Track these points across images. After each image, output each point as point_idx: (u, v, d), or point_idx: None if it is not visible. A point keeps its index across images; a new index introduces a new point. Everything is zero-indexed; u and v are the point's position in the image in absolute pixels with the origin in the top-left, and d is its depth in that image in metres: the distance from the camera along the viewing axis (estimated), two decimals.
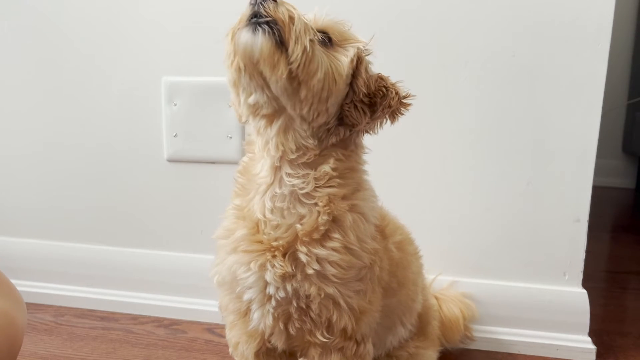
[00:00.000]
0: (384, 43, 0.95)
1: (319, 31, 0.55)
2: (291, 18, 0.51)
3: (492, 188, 0.96)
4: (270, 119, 0.57)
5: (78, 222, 1.16)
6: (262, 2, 0.51)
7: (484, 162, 0.96)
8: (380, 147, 0.96)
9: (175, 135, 1.06)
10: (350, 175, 0.59)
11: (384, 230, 0.66)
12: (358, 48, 0.57)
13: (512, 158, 0.94)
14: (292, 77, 0.52)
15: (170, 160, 1.08)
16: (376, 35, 0.95)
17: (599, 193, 1.20)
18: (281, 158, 0.57)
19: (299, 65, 0.51)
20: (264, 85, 0.54)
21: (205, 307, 1.08)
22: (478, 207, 0.97)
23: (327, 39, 0.56)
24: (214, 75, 1.02)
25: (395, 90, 0.59)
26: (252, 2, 0.52)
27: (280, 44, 0.51)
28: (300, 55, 0.51)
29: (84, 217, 1.16)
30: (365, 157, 0.63)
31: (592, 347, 0.95)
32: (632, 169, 2.71)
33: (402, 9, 0.94)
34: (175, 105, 1.05)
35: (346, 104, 0.56)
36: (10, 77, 1.13)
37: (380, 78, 0.59)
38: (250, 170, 0.61)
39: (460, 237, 0.99)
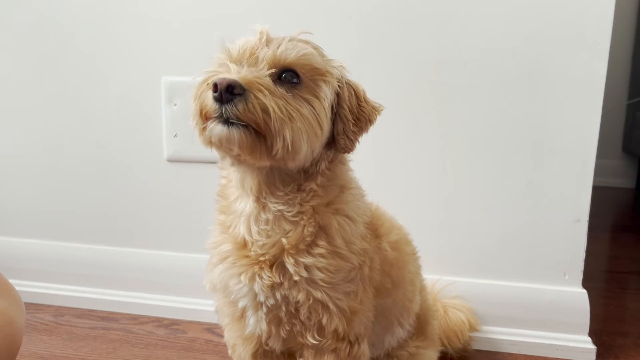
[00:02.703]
0: (383, 43, 0.96)
1: (282, 69, 0.52)
2: (265, 112, 0.48)
3: (492, 188, 0.96)
4: (250, 167, 0.56)
5: (78, 222, 1.16)
6: (228, 105, 0.47)
7: (483, 162, 0.96)
8: (380, 147, 0.96)
9: (175, 135, 1.06)
10: (332, 182, 0.59)
11: (378, 229, 0.66)
12: (333, 85, 0.55)
13: (512, 158, 0.94)
14: (277, 158, 0.51)
15: (170, 160, 1.08)
16: (375, 35, 0.95)
17: (599, 193, 1.20)
18: (264, 195, 0.57)
19: (283, 154, 0.50)
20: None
21: (205, 307, 1.08)
22: (478, 207, 0.97)
23: (294, 77, 0.52)
24: None
25: (376, 112, 0.59)
26: (217, 97, 0.47)
27: (258, 134, 0.49)
28: (281, 148, 0.49)
29: (84, 217, 1.16)
30: (365, 157, 0.63)
31: (592, 347, 0.95)
32: (632, 169, 2.70)
33: (402, 9, 0.94)
34: (175, 105, 1.05)
35: (339, 134, 0.56)
36: (10, 77, 1.13)
37: (365, 102, 0.59)
38: (229, 196, 0.61)
39: (460, 237, 0.99)
